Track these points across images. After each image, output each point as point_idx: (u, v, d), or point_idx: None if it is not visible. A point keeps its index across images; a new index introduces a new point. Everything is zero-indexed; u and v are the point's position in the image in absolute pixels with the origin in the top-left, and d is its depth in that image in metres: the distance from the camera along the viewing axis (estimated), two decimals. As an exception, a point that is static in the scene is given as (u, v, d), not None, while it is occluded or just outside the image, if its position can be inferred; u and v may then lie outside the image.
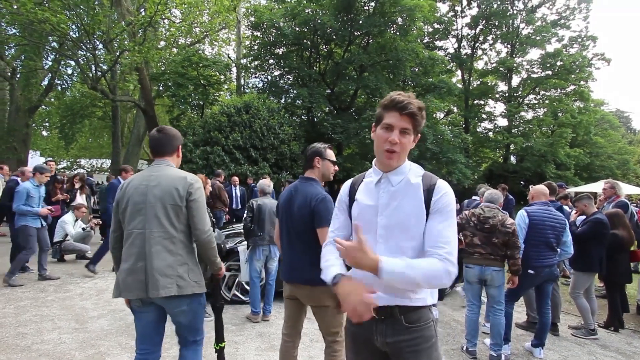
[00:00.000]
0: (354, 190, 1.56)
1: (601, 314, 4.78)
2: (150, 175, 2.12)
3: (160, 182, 2.07)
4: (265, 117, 12.53)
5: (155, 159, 2.22)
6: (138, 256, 2.00)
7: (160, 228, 2.02)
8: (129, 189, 2.10)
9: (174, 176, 2.11)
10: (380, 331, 1.43)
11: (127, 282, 1.99)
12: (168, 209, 2.04)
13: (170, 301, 2.02)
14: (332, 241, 1.59)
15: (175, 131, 2.29)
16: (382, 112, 1.43)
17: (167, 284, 1.98)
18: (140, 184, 2.09)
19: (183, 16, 14.33)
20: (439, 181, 1.46)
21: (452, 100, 21.69)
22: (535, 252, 3.60)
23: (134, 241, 2.02)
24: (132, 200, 2.05)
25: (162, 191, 2.05)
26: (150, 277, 1.97)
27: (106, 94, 12.64)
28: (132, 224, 2.04)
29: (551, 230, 3.62)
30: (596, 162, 25.55)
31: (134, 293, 1.99)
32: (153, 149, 2.21)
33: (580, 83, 22.81)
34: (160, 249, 2.00)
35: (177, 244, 2.06)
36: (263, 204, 4.36)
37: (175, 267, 2.02)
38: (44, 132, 21.12)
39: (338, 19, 15.09)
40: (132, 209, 2.05)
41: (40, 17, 9.02)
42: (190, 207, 2.09)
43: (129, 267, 2.00)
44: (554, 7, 23.38)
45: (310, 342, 3.80)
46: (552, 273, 3.68)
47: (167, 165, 2.19)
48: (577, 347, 3.97)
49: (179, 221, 2.07)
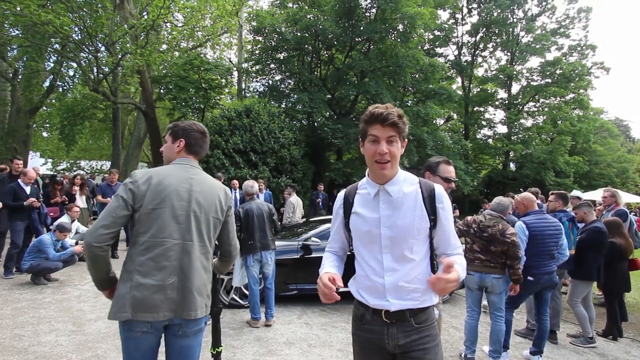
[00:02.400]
0: (349, 202, 1.59)
1: (600, 323, 4.77)
2: (190, 177, 1.83)
3: (204, 189, 1.83)
4: (266, 121, 12.56)
5: (189, 157, 1.92)
6: (171, 270, 1.69)
7: (201, 242, 1.79)
8: (163, 187, 1.73)
9: (213, 185, 1.90)
10: (391, 335, 1.47)
11: (152, 300, 1.65)
12: (210, 221, 1.83)
13: (193, 321, 1.77)
14: (329, 250, 1.69)
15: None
16: (366, 126, 1.48)
17: (203, 304, 1.77)
18: (181, 185, 1.78)
19: (185, 20, 14.41)
20: (437, 187, 1.53)
21: (452, 107, 21.78)
22: (537, 261, 3.62)
23: (166, 252, 1.69)
24: (171, 203, 1.73)
25: (206, 200, 1.82)
26: (187, 295, 1.71)
27: (107, 96, 12.67)
28: (164, 231, 1.70)
29: (550, 238, 3.64)
30: (595, 170, 25.63)
31: (160, 314, 1.66)
32: (198, 149, 1.94)
33: (580, 91, 22.96)
34: (199, 265, 1.78)
35: (210, 260, 1.87)
36: (249, 209, 4.30)
37: (207, 285, 1.83)
38: (44, 134, 21.14)
39: (339, 24, 15.19)
40: (170, 214, 1.72)
41: (43, 19, 9.06)
42: (227, 221, 1.94)
43: (155, 284, 1.66)
44: (554, 15, 23.62)
45: (308, 347, 3.79)
46: (551, 280, 3.69)
47: (199, 169, 1.93)
48: (575, 356, 3.96)
49: (214, 236, 1.88)
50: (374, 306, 1.48)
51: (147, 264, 1.67)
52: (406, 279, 1.45)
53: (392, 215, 1.46)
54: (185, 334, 1.77)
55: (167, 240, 1.70)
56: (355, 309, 1.59)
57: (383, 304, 1.45)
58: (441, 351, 1.52)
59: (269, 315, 4.36)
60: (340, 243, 1.66)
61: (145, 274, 1.66)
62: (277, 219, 4.55)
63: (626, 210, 5.59)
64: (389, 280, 1.45)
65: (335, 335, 4.14)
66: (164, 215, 1.70)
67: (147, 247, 1.69)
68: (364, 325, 1.53)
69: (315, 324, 4.49)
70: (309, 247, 5.11)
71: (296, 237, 5.46)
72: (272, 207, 4.59)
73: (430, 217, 1.47)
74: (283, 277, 4.98)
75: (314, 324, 4.49)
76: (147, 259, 1.68)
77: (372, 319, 1.50)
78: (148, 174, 1.76)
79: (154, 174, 1.76)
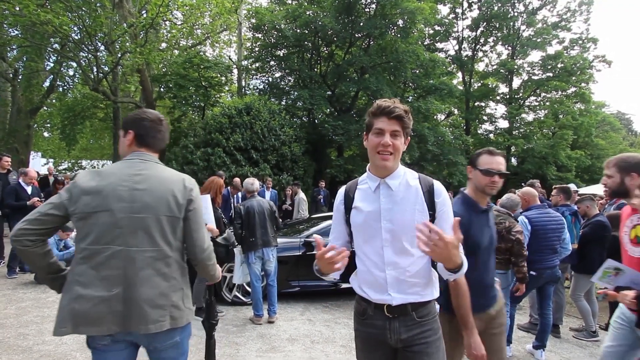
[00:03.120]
0: (350, 197, 1.59)
1: (602, 316, 4.77)
2: (134, 174, 1.60)
3: (152, 185, 1.59)
4: (266, 118, 12.55)
5: (140, 150, 1.69)
6: (114, 280, 1.50)
7: (153, 246, 1.56)
8: (100, 189, 1.54)
9: (168, 178, 1.65)
10: (393, 329, 1.48)
11: (94, 313, 1.48)
12: (163, 222, 1.58)
13: (159, 335, 1.57)
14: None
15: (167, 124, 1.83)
16: (371, 119, 1.50)
17: (159, 316, 1.54)
18: (120, 184, 1.56)
19: (184, 18, 14.39)
20: (436, 182, 1.54)
21: (453, 102, 21.71)
22: (540, 256, 3.61)
23: (108, 261, 1.51)
24: (109, 206, 1.52)
25: (155, 198, 1.58)
26: (134, 308, 1.51)
27: (107, 95, 12.67)
28: (104, 238, 1.51)
29: (553, 233, 3.64)
30: (597, 164, 25.52)
31: (103, 327, 1.50)
32: (150, 140, 1.70)
33: (581, 85, 22.85)
34: (151, 273, 1.55)
35: (173, 265, 1.61)
36: (250, 206, 4.30)
37: (169, 294, 1.58)
38: (45, 134, 21.18)
39: (339, 20, 15.12)
40: (107, 219, 1.52)
41: (42, 19, 9.05)
42: (189, 218, 1.65)
43: (97, 295, 1.48)
44: (555, 9, 23.45)
45: (311, 343, 3.80)
46: (553, 274, 3.68)
47: (155, 162, 1.69)
48: (578, 349, 3.96)
49: (175, 237, 1.63)
50: (375, 301, 1.49)
51: (87, 274, 1.50)
52: (407, 273, 1.46)
53: (392, 209, 1.47)
54: (157, 348, 1.63)
55: (108, 247, 1.51)
56: (357, 305, 1.60)
57: (385, 298, 1.46)
58: (443, 345, 1.52)
59: (272, 312, 4.37)
60: (342, 239, 1.65)
61: (86, 284, 1.50)
62: (278, 216, 4.56)
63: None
64: (391, 274, 1.46)
65: (338, 331, 4.15)
66: (102, 219, 1.52)
67: (86, 255, 1.52)
68: (366, 320, 1.53)
69: (318, 320, 4.50)
70: (310, 244, 5.12)
71: (298, 234, 5.47)
72: (273, 204, 4.60)
73: (429, 212, 1.48)
74: (285, 274, 4.99)
75: (316, 320, 4.50)
76: (88, 269, 1.51)
77: (374, 313, 1.50)
78: (90, 174, 1.60)
79: (96, 174, 1.60)
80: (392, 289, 1.45)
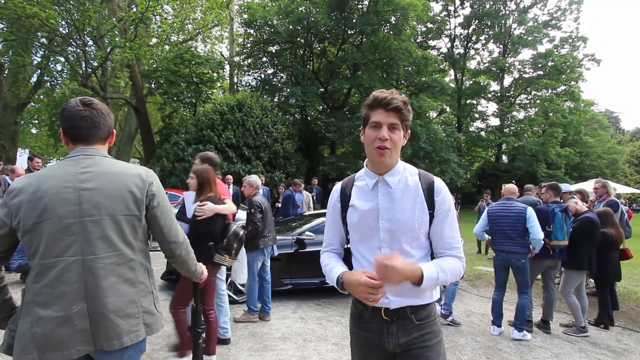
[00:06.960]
0: (346, 195, 1.50)
1: (591, 312, 4.83)
2: (79, 172, 1.38)
3: (101, 182, 1.39)
4: (259, 115, 12.47)
5: (78, 146, 1.45)
6: (74, 296, 1.32)
7: (112, 251, 1.38)
8: (40, 195, 1.33)
9: (121, 172, 1.44)
10: (391, 333, 1.41)
11: (57, 336, 1.30)
12: (121, 222, 1.40)
13: (117, 353, 1.40)
14: (328, 248, 1.58)
15: (105, 106, 1.53)
16: (368, 112, 1.40)
17: (132, 326, 1.40)
18: (64, 186, 1.35)
19: (175, 12, 14.19)
20: (436, 179, 1.45)
21: (445, 100, 21.84)
22: (495, 238, 4.16)
23: (62, 275, 1.32)
24: (54, 213, 1.32)
25: (108, 196, 1.38)
26: (102, 323, 1.34)
27: (97, 91, 12.47)
28: (53, 250, 1.31)
29: (503, 220, 4.06)
30: (586, 161, 25.96)
31: (71, 350, 1.32)
32: (77, 131, 1.43)
33: (571, 83, 23.16)
34: (115, 280, 1.38)
35: (137, 268, 1.45)
36: (264, 202, 4.28)
37: (138, 301, 1.43)
38: (33, 130, 20.82)
39: (332, 17, 15.07)
40: (54, 227, 1.31)
41: (28, 12, 8.85)
42: (155, 215, 1.47)
43: (57, 315, 1.30)
44: (546, 7, 23.73)
45: (303, 341, 3.78)
46: (508, 259, 4.04)
47: (102, 155, 1.46)
48: (568, 345, 4.01)
49: (137, 237, 1.45)
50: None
51: (44, 293, 1.31)
52: None
53: (391, 208, 1.39)
54: None
55: (60, 259, 1.32)
56: (354, 307, 1.52)
57: (382, 301, 1.37)
58: (443, 348, 1.46)
59: (266, 311, 4.35)
60: (339, 239, 1.57)
61: (45, 304, 1.31)
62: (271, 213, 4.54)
63: (617, 200, 5.65)
64: None
65: (330, 329, 4.14)
66: (48, 229, 1.31)
67: (38, 272, 1.33)
68: (363, 324, 1.46)
69: (310, 318, 4.48)
70: (303, 241, 5.09)
71: (290, 232, 5.44)
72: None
73: (429, 211, 1.40)
74: (277, 272, 4.97)
75: (309, 318, 4.48)
76: (43, 286, 1.32)
77: (372, 317, 1.43)
78: (26, 180, 1.37)
79: (33, 179, 1.37)
80: (390, 292, 1.36)
